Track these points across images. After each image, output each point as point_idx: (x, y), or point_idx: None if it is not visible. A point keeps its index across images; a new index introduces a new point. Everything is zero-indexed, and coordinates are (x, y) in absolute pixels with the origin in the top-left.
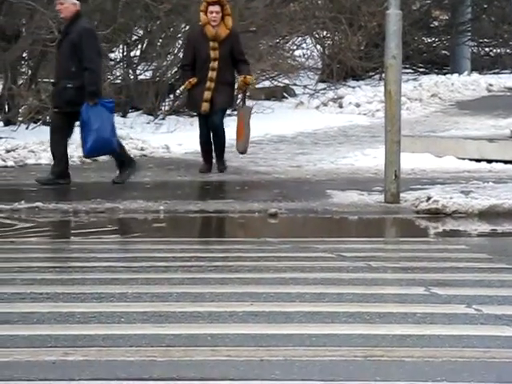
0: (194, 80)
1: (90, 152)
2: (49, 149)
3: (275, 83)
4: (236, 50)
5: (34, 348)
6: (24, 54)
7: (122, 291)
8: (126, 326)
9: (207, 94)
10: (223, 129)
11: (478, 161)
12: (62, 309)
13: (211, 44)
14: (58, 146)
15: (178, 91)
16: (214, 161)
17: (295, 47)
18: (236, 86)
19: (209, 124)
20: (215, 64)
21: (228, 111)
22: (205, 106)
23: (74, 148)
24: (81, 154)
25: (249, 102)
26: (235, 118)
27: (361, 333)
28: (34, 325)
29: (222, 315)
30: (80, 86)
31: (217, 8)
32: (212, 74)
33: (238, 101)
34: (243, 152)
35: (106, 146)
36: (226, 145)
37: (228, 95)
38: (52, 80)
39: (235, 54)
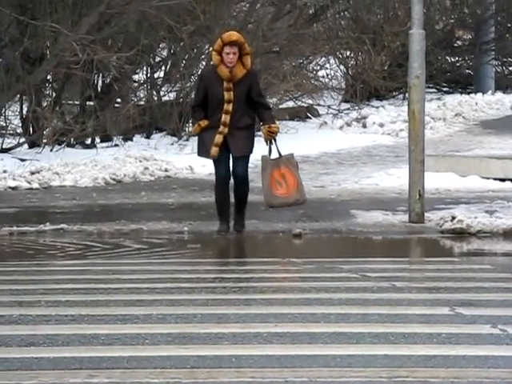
0: (204, 123)
1: None
2: (73, 170)
3: (299, 103)
4: (254, 91)
5: (58, 370)
6: (48, 77)
7: (147, 313)
8: (150, 347)
9: (218, 138)
10: (248, 180)
11: (503, 180)
12: (86, 331)
13: (225, 85)
14: None
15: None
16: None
17: (319, 67)
18: (263, 137)
19: (233, 175)
20: (229, 107)
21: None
22: (214, 151)
23: (100, 169)
24: (105, 175)
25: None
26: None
27: (386, 353)
28: (59, 347)
29: (246, 336)
30: None
31: (234, 49)
32: (226, 118)
33: (268, 152)
34: (304, 202)
35: None
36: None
37: (247, 140)
38: (76, 102)
39: (253, 95)
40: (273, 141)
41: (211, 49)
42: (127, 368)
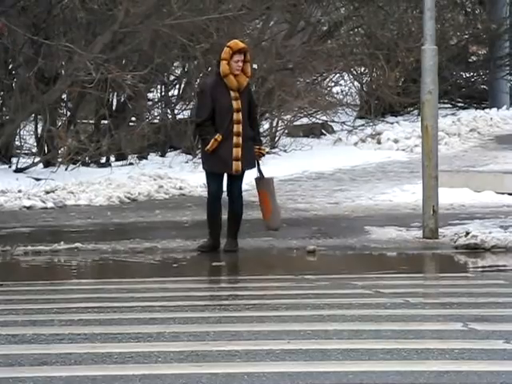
0: (219, 137)
1: None
2: (88, 189)
3: (313, 120)
4: (253, 102)
5: None
6: (63, 96)
7: (160, 331)
8: (163, 365)
9: (237, 152)
10: (242, 197)
11: None
12: (99, 349)
13: (233, 94)
14: None
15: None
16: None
17: (333, 84)
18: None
19: (231, 190)
20: (239, 116)
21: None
22: (236, 166)
23: (114, 187)
24: (120, 194)
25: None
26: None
27: (398, 369)
28: (72, 366)
29: (258, 354)
30: None
31: (243, 56)
32: (238, 128)
33: (257, 172)
34: (276, 228)
35: None
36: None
37: (253, 153)
38: (91, 121)
39: (252, 107)
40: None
41: (220, 58)
42: None
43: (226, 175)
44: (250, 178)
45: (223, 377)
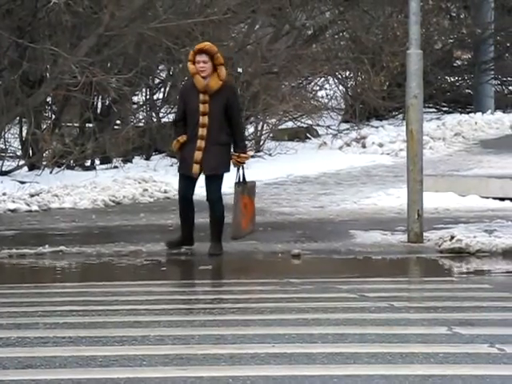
0: (182, 138)
1: None
2: (73, 192)
3: (298, 124)
4: (232, 108)
5: None
6: (48, 99)
7: (144, 334)
8: (147, 369)
9: (197, 155)
10: (221, 201)
11: (502, 199)
12: (84, 352)
13: (201, 97)
14: None
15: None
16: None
17: (318, 88)
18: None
19: (208, 194)
20: (205, 119)
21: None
22: (195, 169)
23: (99, 191)
24: (104, 197)
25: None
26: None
27: (383, 373)
28: (57, 369)
29: (243, 357)
30: None
31: (204, 57)
32: (203, 132)
33: (236, 178)
34: (241, 236)
35: None
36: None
37: (222, 158)
38: (76, 124)
39: (232, 113)
40: (240, 167)
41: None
42: None
43: (204, 179)
44: (230, 181)
45: (208, 380)
